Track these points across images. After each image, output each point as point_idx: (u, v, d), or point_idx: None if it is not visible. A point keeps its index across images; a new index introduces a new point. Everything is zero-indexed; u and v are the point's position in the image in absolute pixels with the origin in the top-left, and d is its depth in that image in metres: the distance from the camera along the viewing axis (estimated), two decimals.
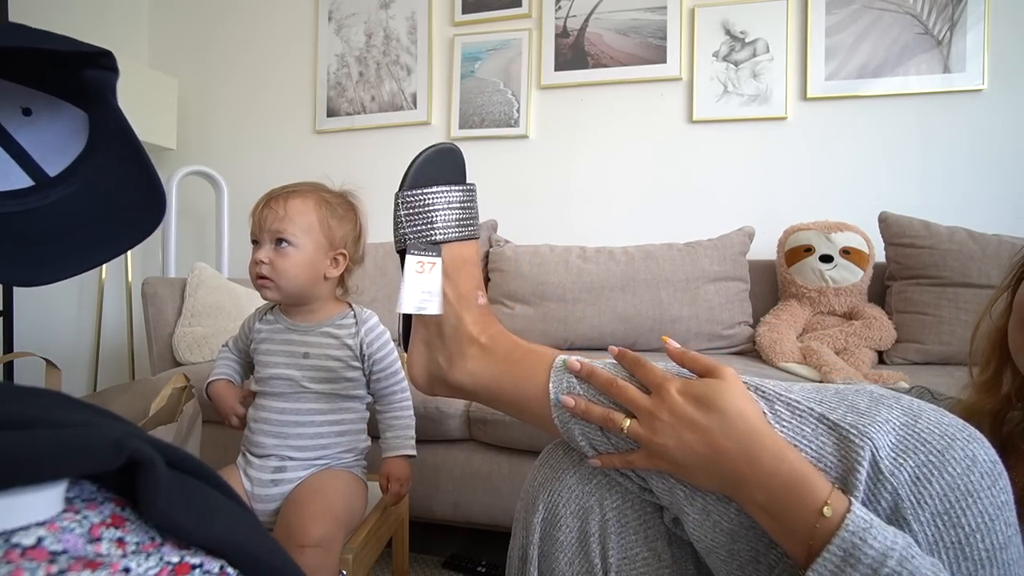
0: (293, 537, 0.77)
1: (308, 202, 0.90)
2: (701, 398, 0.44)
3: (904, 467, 0.38)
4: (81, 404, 0.33)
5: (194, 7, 2.41)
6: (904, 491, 0.38)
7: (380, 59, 2.20)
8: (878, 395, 0.44)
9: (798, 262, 1.58)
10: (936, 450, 0.39)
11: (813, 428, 0.42)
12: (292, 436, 0.90)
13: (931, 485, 0.38)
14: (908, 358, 1.47)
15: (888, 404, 0.42)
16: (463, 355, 0.57)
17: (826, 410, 0.43)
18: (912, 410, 0.41)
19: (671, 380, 0.46)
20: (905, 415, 0.41)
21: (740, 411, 0.42)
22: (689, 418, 0.44)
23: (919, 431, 0.40)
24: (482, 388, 0.56)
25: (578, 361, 0.51)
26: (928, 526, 0.37)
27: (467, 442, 1.29)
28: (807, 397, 0.44)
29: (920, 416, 0.41)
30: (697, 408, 0.44)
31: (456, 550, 1.35)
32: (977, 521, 0.37)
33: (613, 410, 0.48)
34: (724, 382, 0.44)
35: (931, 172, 1.77)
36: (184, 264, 2.02)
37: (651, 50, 1.95)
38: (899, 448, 0.39)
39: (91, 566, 0.25)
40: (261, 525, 0.35)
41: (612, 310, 1.60)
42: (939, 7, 1.74)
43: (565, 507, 0.51)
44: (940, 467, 0.38)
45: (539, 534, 0.52)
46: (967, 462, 0.38)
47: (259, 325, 0.97)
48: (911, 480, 0.38)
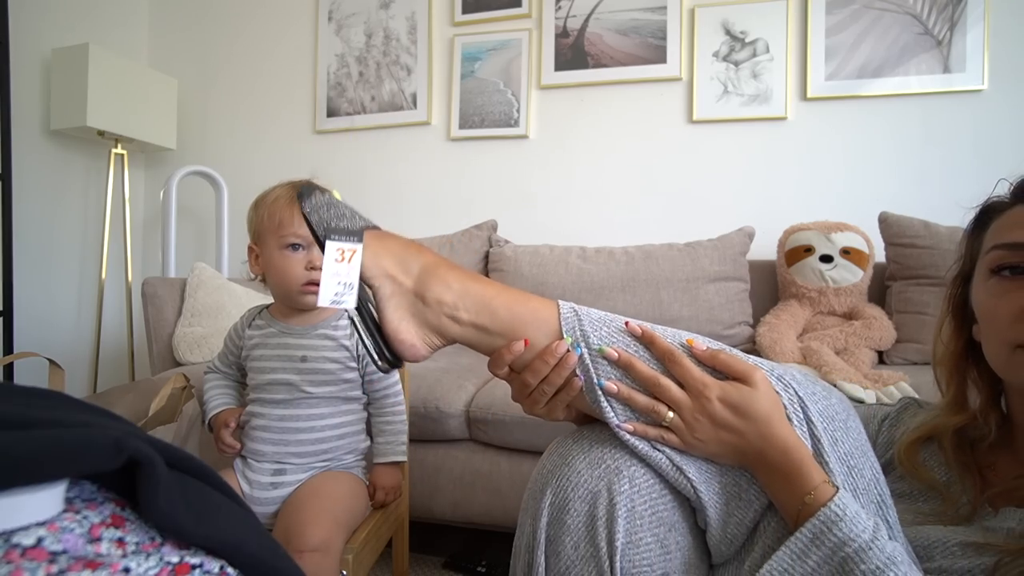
0: (292, 542, 0.76)
1: None
2: (738, 406, 0.49)
3: (827, 431, 0.50)
4: (81, 404, 0.34)
5: (194, 7, 2.41)
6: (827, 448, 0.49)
7: (380, 59, 2.20)
8: (805, 372, 0.54)
9: (798, 262, 1.58)
10: (842, 419, 0.51)
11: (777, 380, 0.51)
12: (292, 443, 0.89)
13: (842, 445, 0.49)
14: (908, 358, 1.47)
15: (812, 380, 0.54)
16: (446, 281, 0.54)
17: (781, 371, 0.52)
18: (826, 389, 0.53)
19: (710, 387, 0.50)
20: (824, 391, 0.53)
21: (768, 415, 0.48)
22: (727, 423, 0.49)
23: (832, 404, 0.51)
24: (474, 307, 0.53)
25: (615, 351, 0.52)
26: (845, 476, 0.48)
27: (467, 442, 1.29)
28: (764, 361, 0.54)
29: (832, 394, 0.53)
30: (733, 414, 0.49)
31: (456, 550, 1.35)
32: (873, 470, 0.50)
33: (657, 403, 0.51)
34: (757, 391, 0.49)
35: (931, 172, 1.77)
36: (184, 264, 2.02)
37: (651, 50, 1.95)
38: (823, 415, 0.50)
39: (91, 566, 0.25)
40: (261, 525, 0.35)
41: (612, 310, 1.59)
42: (939, 7, 1.74)
43: (574, 491, 0.51)
44: (845, 431, 0.50)
45: (547, 519, 0.52)
46: (857, 430, 0.52)
47: (250, 331, 0.95)
48: (831, 441, 0.49)
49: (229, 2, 2.37)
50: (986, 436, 0.58)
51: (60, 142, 2.08)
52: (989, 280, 0.55)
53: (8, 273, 1.82)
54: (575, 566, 0.50)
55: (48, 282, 2.07)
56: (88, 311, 2.18)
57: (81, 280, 2.18)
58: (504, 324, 0.53)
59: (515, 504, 0.59)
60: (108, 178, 2.07)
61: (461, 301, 0.54)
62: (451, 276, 0.55)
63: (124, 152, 2.11)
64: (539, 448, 1.18)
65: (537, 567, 0.52)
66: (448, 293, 0.54)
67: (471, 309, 0.54)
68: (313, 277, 0.85)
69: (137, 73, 2.09)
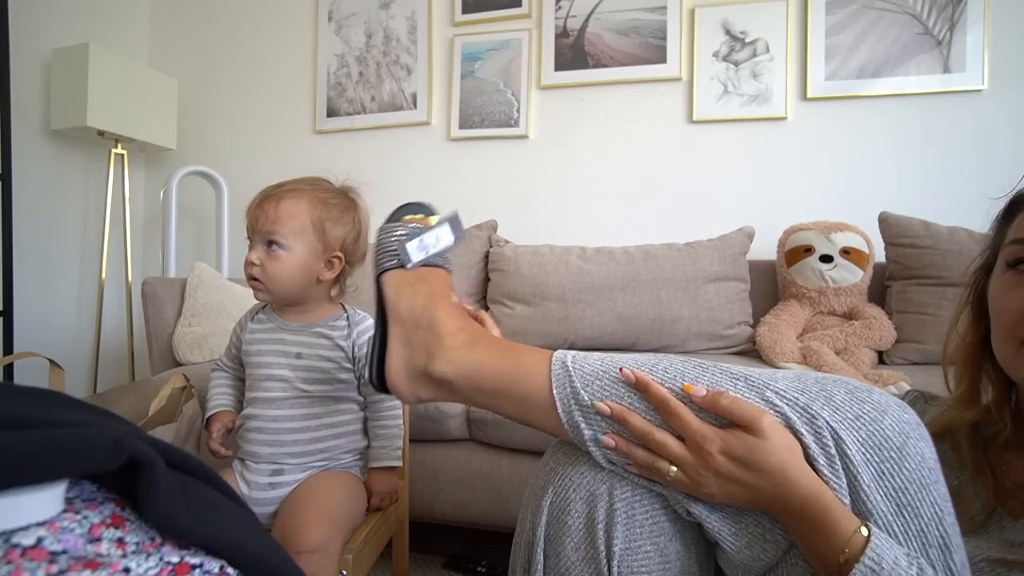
0: (290, 543, 0.76)
1: (302, 203, 0.87)
2: (744, 459, 0.44)
3: (871, 462, 0.43)
4: (81, 404, 0.33)
5: (194, 7, 2.41)
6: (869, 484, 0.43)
7: (380, 59, 2.20)
8: (852, 388, 0.47)
9: (798, 262, 1.58)
10: (895, 447, 0.44)
11: (799, 416, 0.45)
12: (288, 443, 0.88)
13: (893, 479, 0.43)
14: (908, 358, 1.47)
15: (860, 399, 0.46)
16: (443, 345, 0.56)
17: (808, 400, 0.46)
18: (880, 407, 0.45)
19: (710, 439, 0.46)
20: (874, 410, 0.45)
21: (782, 465, 0.44)
22: (735, 477, 0.45)
23: (884, 428, 0.44)
24: (464, 376, 0.55)
25: (607, 405, 0.50)
26: (892, 516, 0.43)
27: (467, 442, 1.29)
28: (790, 386, 0.47)
29: (886, 413, 0.45)
30: (740, 467, 0.45)
31: (456, 550, 1.34)
32: (935, 507, 0.43)
33: (658, 459, 0.48)
34: (766, 442, 0.44)
35: (931, 172, 1.77)
36: (184, 264, 2.02)
37: (651, 50, 1.95)
38: (868, 443, 0.44)
39: (91, 566, 0.25)
40: (261, 525, 0.35)
41: (612, 310, 1.60)
42: (939, 7, 1.74)
43: (575, 492, 0.51)
44: (899, 463, 0.43)
45: (547, 517, 0.52)
46: (919, 458, 0.44)
47: (251, 325, 0.95)
48: (877, 475, 0.43)
49: (229, 2, 2.37)
50: (1000, 432, 0.57)
51: (60, 142, 2.08)
52: (1005, 274, 0.54)
53: (8, 273, 1.82)
54: (575, 567, 0.50)
55: (48, 282, 2.07)
56: (88, 311, 2.18)
57: (81, 280, 2.18)
58: (497, 387, 0.54)
59: (515, 504, 0.59)
60: (108, 178, 2.07)
61: (458, 384, 0.56)
62: (457, 354, 0.56)
63: (124, 152, 2.11)
64: (539, 448, 1.18)
65: (536, 565, 0.52)
66: (450, 369, 0.56)
67: (465, 382, 0.55)
68: (251, 272, 0.87)
69: (137, 73, 2.09)
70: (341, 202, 0.92)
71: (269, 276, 0.86)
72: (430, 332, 0.57)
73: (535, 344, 0.56)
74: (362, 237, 0.95)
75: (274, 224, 0.86)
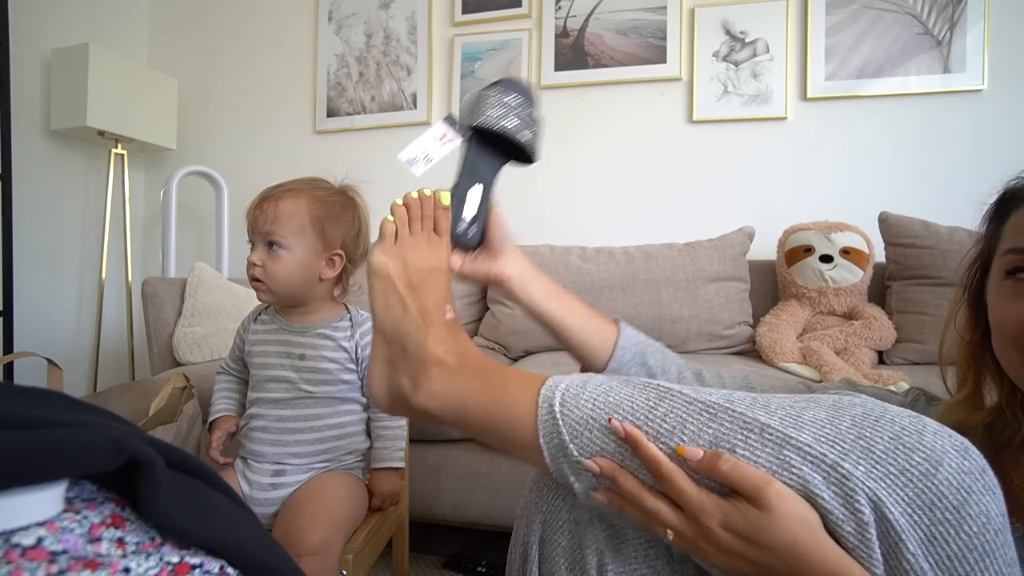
0: (291, 545, 0.76)
1: (300, 203, 0.88)
2: (748, 536, 0.39)
3: (919, 526, 0.36)
4: (81, 404, 0.33)
5: (194, 7, 2.41)
6: (914, 552, 0.36)
7: (380, 59, 2.20)
8: (899, 431, 0.38)
9: (798, 262, 1.58)
10: (952, 506, 0.36)
11: (824, 477, 0.38)
12: (291, 443, 0.88)
13: (948, 546, 0.35)
14: (908, 358, 1.47)
15: (909, 446, 0.37)
16: (427, 376, 0.52)
17: (839, 455, 0.38)
18: (934, 455, 0.37)
19: (709, 512, 0.40)
20: (926, 462, 0.37)
21: (792, 542, 0.38)
22: (738, 552, 0.40)
23: (938, 483, 0.36)
24: (447, 411, 0.51)
25: (596, 463, 0.45)
26: None
27: (467, 442, 1.29)
28: (818, 437, 0.39)
29: (942, 464, 0.36)
30: (745, 544, 0.39)
31: (456, 550, 1.34)
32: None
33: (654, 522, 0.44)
34: (771, 516, 0.38)
35: (931, 172, 1.77)
36: (184, 264, 2.02)
37: (651, 50, 1.95)
38: (916, 503, 0.36)
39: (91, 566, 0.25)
40: (261, 525, 0.35)
41: (612, 310, 1.60)
42: (939, 7, 1.74)
43: (569, 513, 0.50)
44: (957, 526, 0.35)
45: (540, 534, 0.51)
46: (983, 519, 0.35)
47: (255, 326, 0.96)
48: (926, 540, 0.36)
49: (229, 2, 2.37)
50: (1016, 434, 0.53)
51: (60, 142, 2.08)
52: (1004, 281, 0.52)
53: (8, 273, 1.82)
54: None
55: (48, 282, 2.07)
56: (88, 311, 2.18)
57: (81, 280, 2.18)
58: (482, 425, 0.50)
59: (515, 504, 0.58)
60: (108, 178, 2.07)
61: (441, 416, 0.52)
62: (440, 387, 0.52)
63: (124, 152, 2.11)
64: None
65: None
66: (432, 402, 0.52)
67: (448, 416, 0.52)
68: (253, 273, 0.87)
69: (137, 73, 2.09)
70: (340, 200, 0.92)
71: (271, 276, 0.86)
72: (415, 360, 0.53)
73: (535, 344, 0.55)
74: (362, 235, 0.95)
75: (274, 224, 0.86)
